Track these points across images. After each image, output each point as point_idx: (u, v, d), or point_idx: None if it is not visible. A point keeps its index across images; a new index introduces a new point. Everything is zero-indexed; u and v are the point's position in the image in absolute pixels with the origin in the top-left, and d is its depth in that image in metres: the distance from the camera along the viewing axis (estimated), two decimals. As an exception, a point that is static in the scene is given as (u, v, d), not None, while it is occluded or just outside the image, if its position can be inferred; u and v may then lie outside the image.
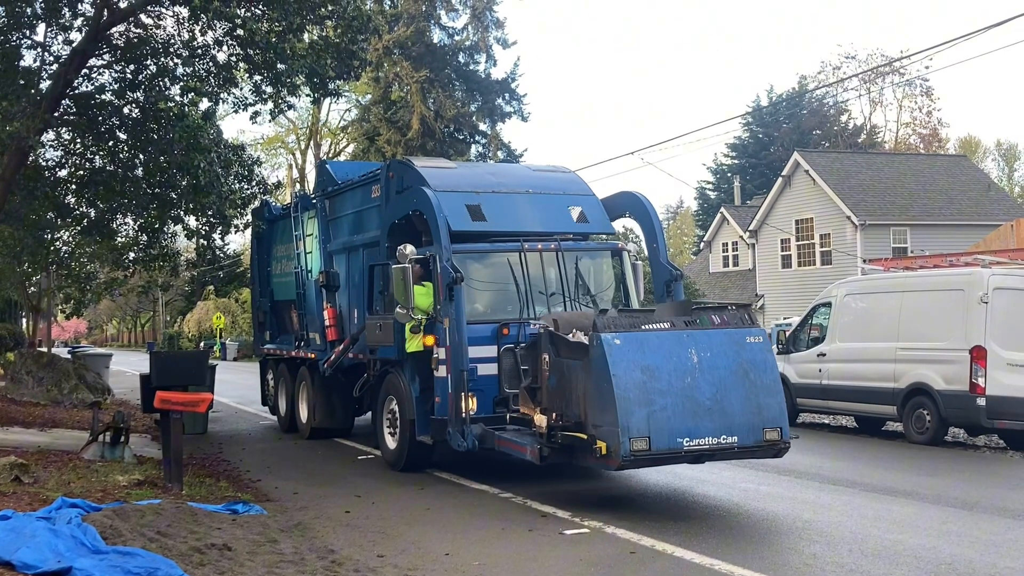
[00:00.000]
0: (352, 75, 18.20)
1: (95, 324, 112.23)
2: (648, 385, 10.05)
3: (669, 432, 9.99)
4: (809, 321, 20.42)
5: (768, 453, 10.79)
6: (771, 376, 10.70)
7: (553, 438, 10.82)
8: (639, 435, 9.85)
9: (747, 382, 10.48)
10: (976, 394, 16.15)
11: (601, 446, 9.98)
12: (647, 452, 9.92)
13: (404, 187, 14.27)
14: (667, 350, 10.30)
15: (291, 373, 18.92)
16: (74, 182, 19.69)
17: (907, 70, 63.91)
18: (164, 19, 17.79)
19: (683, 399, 10.17)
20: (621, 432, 9.79)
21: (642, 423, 9.88)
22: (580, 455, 10.64)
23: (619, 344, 10.12)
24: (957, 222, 40.54)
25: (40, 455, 13.29)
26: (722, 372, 10.41)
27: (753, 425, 10.40)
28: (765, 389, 10.57)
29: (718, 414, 10.23)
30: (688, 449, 10.12)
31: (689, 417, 10.13)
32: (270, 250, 20.64)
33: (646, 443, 9.87)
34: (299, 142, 71.17)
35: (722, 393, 10.31)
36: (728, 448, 10.32)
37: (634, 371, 10.04)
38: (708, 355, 10.44)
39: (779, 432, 10.51)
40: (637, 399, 9.94)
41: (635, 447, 9.81)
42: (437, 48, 47.21)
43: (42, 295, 33.59)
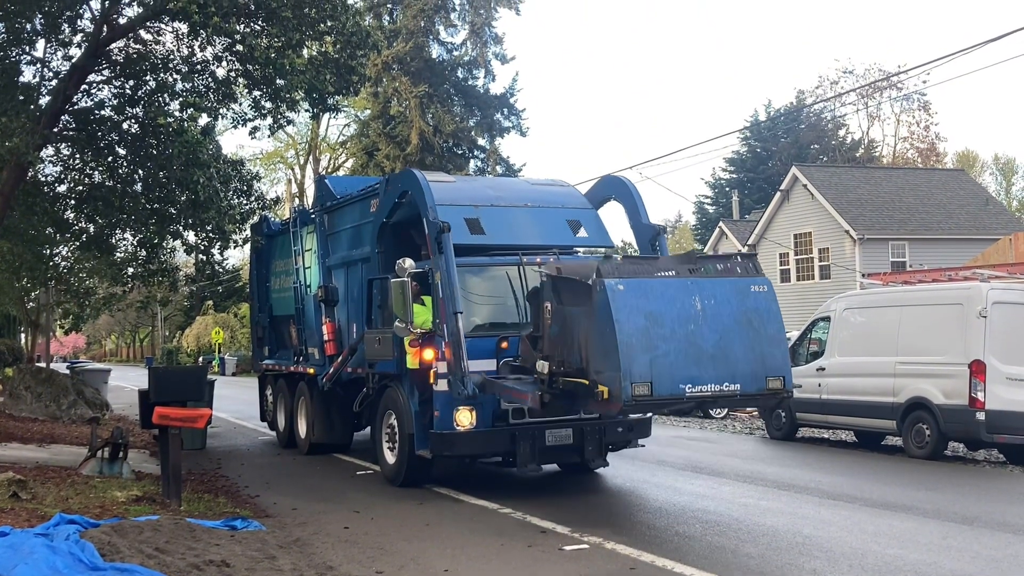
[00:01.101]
0: (351, 90, 18.24)
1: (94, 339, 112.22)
2: (651, 331, 10.03)
3: (671, 378, 9.97)
4: (808, 335, 20.42)
5: (770, 402, 10.75)
6: (775, 325, 10.70)
7: (554, 384, 10.79)
8: (641, 380, 9.82)
9: (751, 330, 10.47)
10: (975, 408, 16.15)
11: (603, 391, 9.97)
12: (649, 397, 9.90)
13: (394, 183, 14.40)
14: (670, 297, 10.29)
15: (290, 388, 18.89)
16: (73, 197, 19.69)
17: (904, 85, 64.15)
18: (163, 35, 17.83)
19: (686, 345, 10.14)
20: (623, 377, 9.76)
21: (644, 368, 9.85)
22: (581, 401, 10.68)
23: (622, 290, 10.10)
24: (955, 236, 40.59)
25: (38, 471, 13.26)
26: (726, 320, 10.41)
27: (756, 373, 10.38)
28: (769, 338, 10.57)
29: (721, 361, 10.20)
30: (690, 395, 10.10)
31: (692, 364, 10.10)
32: (269, 265, 20.65)
33: (648, 388, 9.84)
34: (298, 157, 71.30)
35: (725, 340, 10.29)
36: (731, 396, 10.32)
37: (637, 317, 10.02)
38: (712, 303, 10.42)
39: (782, 381, 10.48)
40: (640, 344, 9.91)
41: (637, 392, 9.79)
42: (436, 63, 47.31)
43: (41, 310, 33.59)
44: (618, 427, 13.34)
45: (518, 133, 49.00)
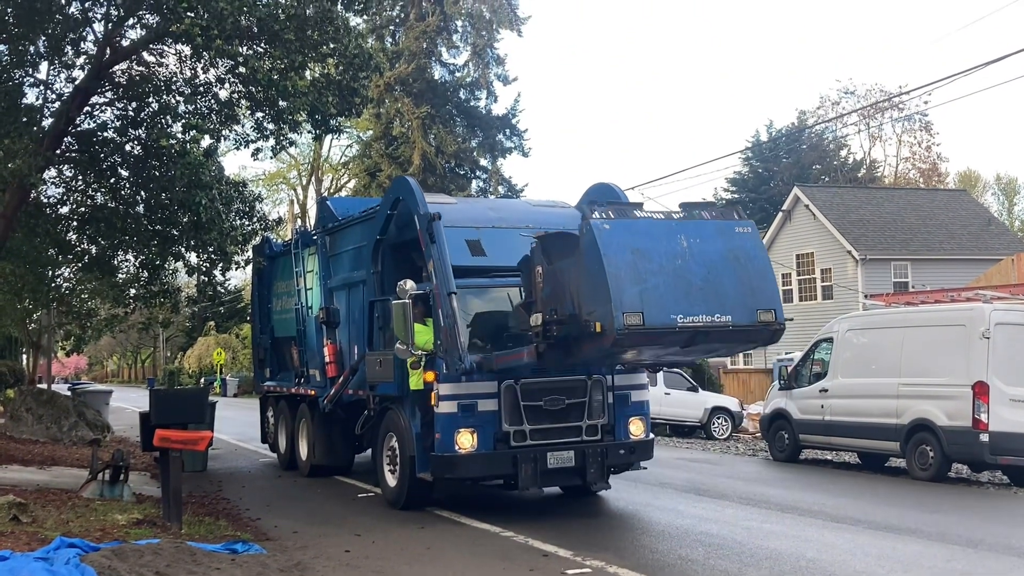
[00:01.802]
0: (353, 112, 18.26)
1: (95, 360, 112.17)
2: (639, 265, 10.25)
3: (662, 308, 10.14)
4: (811, 356, 20.39)
5: (763, 334, 10.87)
6: (762, 263, 10.94)
7: (549, 333, 10.85)
8: (632, 310, 9.99)
9: (738, 266, 10.68)
10: (979, 430, 16.11)
11: (596, 325, 10.10)
12: (641, 327, 10.04)
13: (387, 195, 14.68)
14: (656, 235, 10.56)
15: (291, 410, 18.85)
16: (75, 219, 19.72)
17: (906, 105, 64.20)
18: (166, 57, 17.88)
19: (674, 279, 10.34)
20: (614, 307, 9.93)
21: (635, 299, 10.04)
22: (575, 344, 10.73)
23: (608, 228, 10.39)
24: (958, 256, 40.59)
25: (39, 494, 13.21)
26: (712, 256, 10.63)
27: (747, 306, 10.55)
28: (757, 274, 10.78)
29: (711, 294, 10.39)
30: (682, 325, 10.22)
31: (682, 296, 10.28)
32: (271, 286, 20.64)
33: (639, 319, 10.01)
34: (300, 178, 71.41)
35: (713, 275, 10.49)
36: (723, 327, 10.44)
37: (624, 252, 10.24)
38: (697, 241, 10.67)
39: (773, 314, 10.70)
40: (629, 277, 10.13)
41: (629, 322, 9.95)
42: (438, 84, 47.44)
43: (43, 331, 33.55)
44: (620, 449, 13.29)
45: (520, 154, 49.09)
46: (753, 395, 34.70)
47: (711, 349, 11.37)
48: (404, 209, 14.12)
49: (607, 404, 13.17)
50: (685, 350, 11.05)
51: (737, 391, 35.53)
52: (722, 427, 28.29)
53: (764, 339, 11.08)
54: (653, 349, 11.06)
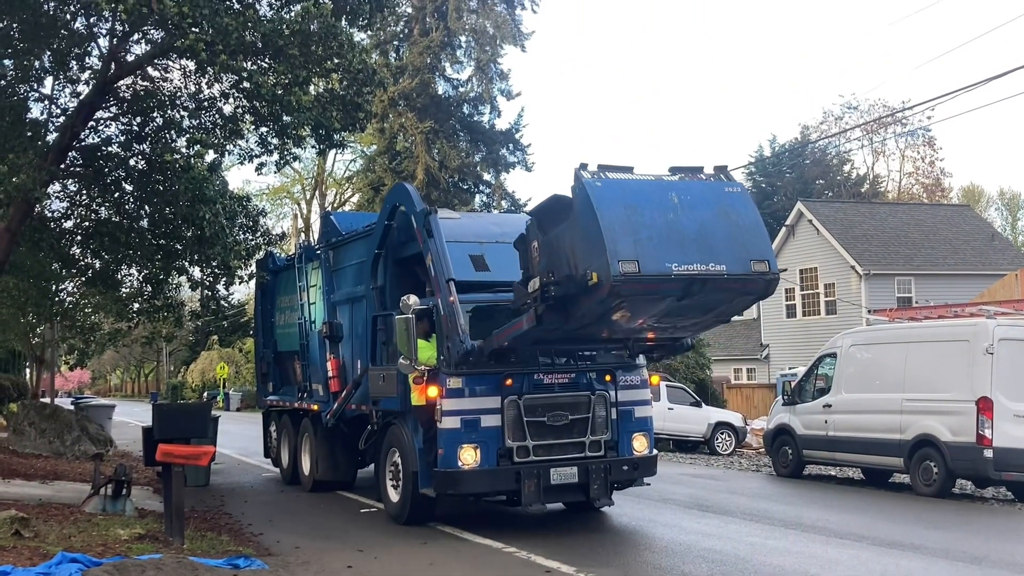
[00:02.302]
0: (357, 127, 18.29)
1: (99, 374, 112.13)
2: (632, 218, 10.39)
3: (657, 258, 10.26)
4: (814, 372, 20.37)
5: (759, 284, 10.94)
6: (753, 218, 11.08)
7: (547, 294, 10.88)
8: (628, 258, 10.10)
9: (729, 221, 10.84)
10: (983, 446, 16.07)
11: (592, 276, 10.18)
12: (637, 274, 10.13)
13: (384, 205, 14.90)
14: (647, 192, 10.76)
15: (294, 425, 18.83)
16: (79, 233, 19.74)
17: (909, 120, 64.29)
18: (171, 72, 17.91)
19: (668, 231, 10.48)
20: (610, 256, 10.03)
21: (630, 248, 10.17)
22: (573, 303, 10.79)
23: (600, 185, 10.59)
24: (961, 272, 40.57)
25: (41, 508, 13.19)
26: (703, 212, 10.80)
27: (740, 257, 10.67)
28: (748, 228, 10.94)
29: (704, 245, 10.52)
30: (677, 274, 10.32)
31: (675, 247, 10.41)
32: (274, 301, 20.65)
33: (635, 266, 10.13)
34: (304, 192, 71.49)
35: (705, 228, 10.64)
36: (718, 276, 10.53)
37: (617, 207, 10.40)
38: (688, 198, 10.87)
39: (767, 264, 10.81)
40: (623, 229, 10.26)
41: (624, 269, 10.06)
42: (442, 99, 47.52)
43: (46, 346, 33.57)
44: (624, 465, 13.26)
45: (523, 168, 49.11)
46: (757, 410, 34.67)
47: (709, 305, 11.20)
48: (403, 221, 14.19)
49: (610, 420, 13.16)
50: (681, 305, 10.92)
51: (741, 406, 35.51)
52: (726, 442, 28.25)
53: (759, 290, 11.12)
54: (649, 305, 10.96)
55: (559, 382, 13.04)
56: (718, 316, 12.00)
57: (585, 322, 11.40)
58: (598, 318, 11.24)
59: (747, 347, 47.58)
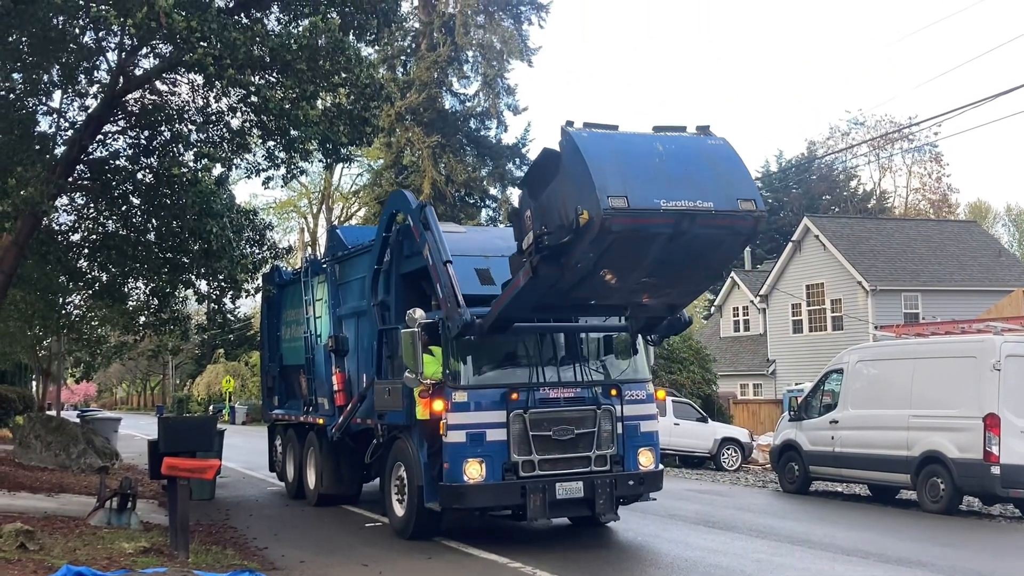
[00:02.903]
0: (364, 141, 18.31)
1: (105, 387, 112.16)
2: (619, 160, 10.66)
3: (645, 194, 10.47)
4: (821, 387, 20.32)
5: (747, 221, 11.05)
6: (736, 164, 11.37)
7: (540, 244, 11.00)
8: (617, 194, 10.28)
9: (714, 165, 11.14)
10: (990, 462, 16.01)
11: (583, 214, 10.33)
12: (626, 209, 10.29)
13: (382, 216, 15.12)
14: (634, 141, 11.12)
15: (299, 439, 18.82)
16: (87, 246, 19.78)
17: (916, 136, 64.30)
18: (179, 86, 17.97)
19: (655, 173, 10.75)
20: (599, 191, 10.22)
21: (618, 185, 10.37)
22: (566, 250, 10.87)
23: (587, 135, 10.88)
24: (968, 288, 40.48)
25: (46, 521, 13.19)
26: (688, 157, 11.13)
27: (727, 195, 10.88)
28: (733, 171, 11.23)
29: (691, 184, 10.77)
30: (666, 208, 10.49)
31: (663, 185, 10.63)
32: (280, 314, 20.67)
33: (624, 201, 10.29)
34: (311, 206, 71.65)
35: (691, 171, 10.92)
36: (706, 212, 10.68)
37: (604, 152, 10.67)
38: (673, 147, 11.21)
39: (753, 203, 11.00)
40: (610, 169, 10.48)
41: (614, 204, 10.22)
42: (449, 114, 47.62)
43: (52, 358, 33.60)
44: (629, 480, 13.24)
45: (530, 183, 49.18)
46: (763, 426, 34.59)
47: (699, 249, 11.19)
48: (407, 233, 14.25)
49: (616, 434, 13.14)
50: (672, 249, 10.97)
51: (747, 422, 35.43)
52: (732, 458, 28.16)
53: (748, 228, 11.20)
54: (641, 247, 10.98)
55: (565, 396, 13.04)
56: (710, 268, 12.02)
57: (581, 274, 11.33)
58: (592, 267, 11.21)
59: (753, 362, 47.49)
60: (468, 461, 12.49)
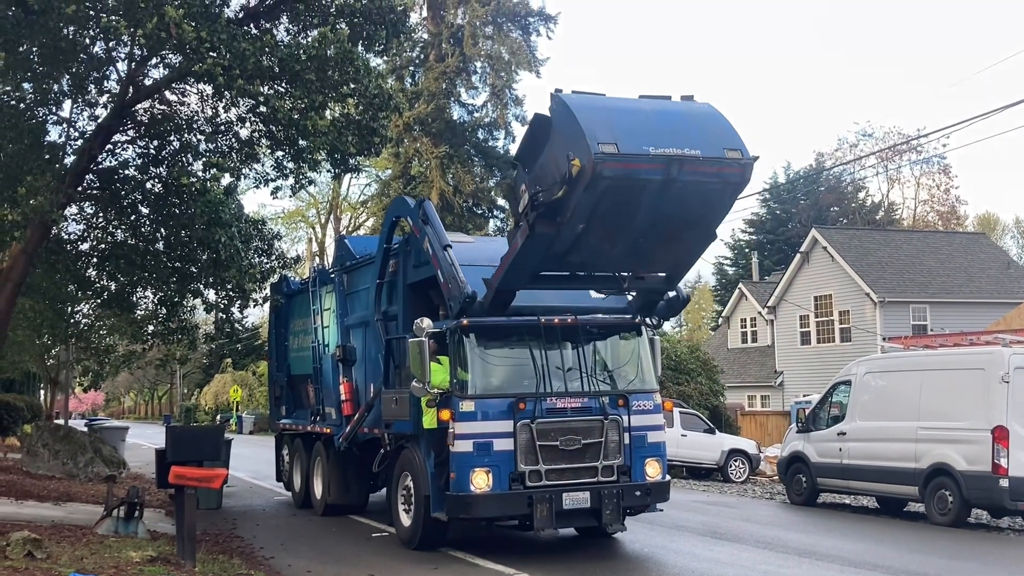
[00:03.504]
0: (373, 151, 18.37)
1: (112, 396, 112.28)
2: (608, 116, 11.13)
3: (634, 142, 10.86)
4: (829, 399, 20.27)
5: (735, 168, 11.34)
6: (722, 121, 11.77)
7: (536, 201, 11.27)
8: (607, 141, 10.67)
9: (699, 121, 11.57)
10: (998, 475, 15.94)
11: (575, 162, 10.69)
12: (617, 154, 10.69)
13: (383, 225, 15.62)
14: (621, 103, 11.56)
15: (306, 449, 18.82)
16: (95, 255, 19.83)
17: (924, 148, 64.22)
18: (188, 96, 18.04)
19: (642, 126, 11.16)
20: (589, 139, 10.62)
21: (607, 133, 10.78)
22: (560, 205, 11.15)
23: (576, 97, 11.35)
24: (977, 300, 40.39)
25: (54, 530, 13.20)
26: (674, 114, 11.65)
27: (713, 144, 11.25)
28: (719, 126, 11.59)
29: (678, 135, 11.18)
30: (654, 154, 10.88)
31: (651, 135, 11.07)
32: (288, 324, 20.69)
33: (614, 148, 10.70)
34: (319, 216, 71.75)
35: (677, 125, 11.35)
36: (694, 158, 11.05)
37: (594, 110, 11.13)
38: (659, 107, 11.68)
39: (740, 152, 11.32)
40: (599, 120, 10.93)
41: (604, 150, 10.62)
42: (457, 124, 47.72)
43: (61, 367, 33.66)
44: (636, 490, 13.20)
45: (538, 194, 49.25)
46: (771, 438, 34.51)
47: (689, 202, 11.45)
48: (415, 244, 14.33)
49: (623, 445, 13.12)
50: (663, 197, 11.22)
51: (754, 433, 35.34)
52: (739, 470, 28.10)
53: (737, 175, 11.45)
54: (632, 198, 11.26)
55: (572, 406, 13.02)
56: (702, 227, 12.13)
57: (576, 231, 11.53)
58: (587, 222, 11.42)
59: (761, 374, 47.40)
60: (475, 471, 12.48)
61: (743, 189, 11.72)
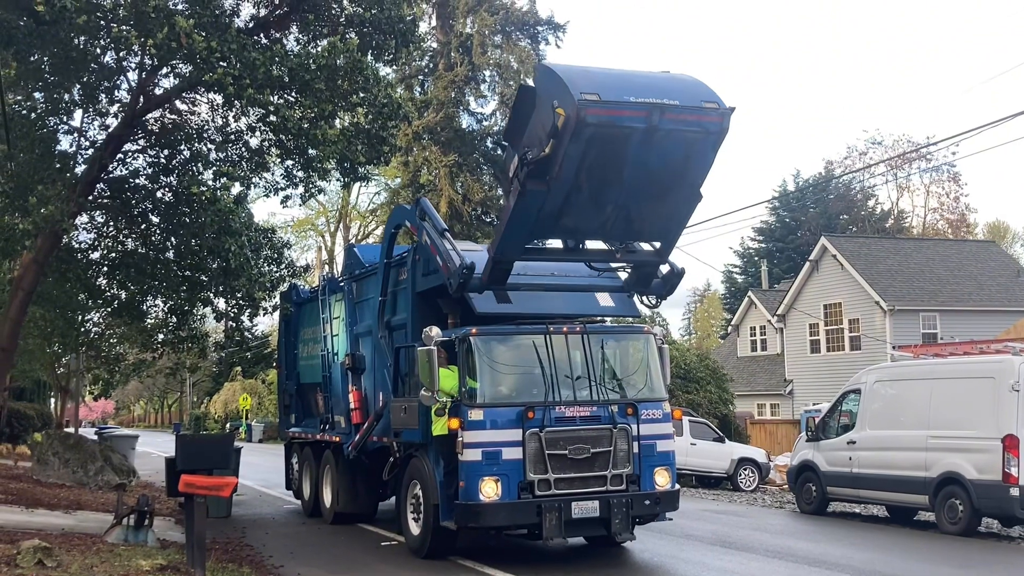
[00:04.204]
0: (382, 160, 18.43)
1: (122, 404, 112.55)
2: (590, 73, 11.65)
3: (615, 91, 11.31)
4: (839, 408, 20.21)
5: (713, 116, 11.67)
6: (699, 83, 12.06)
7: (524, 160, 11.57)
8: (589, 91, 11.06)
9: (677, 83, 12.03)
10: (1009, 484, 15.87)
11: (559, 112, 11.07)
12: (599, 101, 11.08)
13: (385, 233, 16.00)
14: (603, 69, 12.07)
15: (315, 457, 18.83)
16: (106, 264, 19.91)
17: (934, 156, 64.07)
18: (199, 105, 18.13)
19: (623, 83, 11.69)
20: (572, 89, 11.00)
21: (589, 85, 11.23)
22: (549, 160, 11.39)
23: (560, 63, 12.24)
24: (986, 308, 40.30)
25: (64, 538, 13.24)
26: (652, 77, 12.13)
27: (692, 97, 11.68)
28: (696, 85, 12.02)
29: (657, 89, 11.60)
30: (636, 101, 11.31)
31: (632, 88, 11.53)
32: (297, 332, 20.72)
33: (596, 96, 11.10)
34: (328, 224, 71.83)
35: (656, 83, 11.83)
36: (674, 106, 11.41)
37: (576, 70, 11.65)
38: (638, 73, 12.33)
39: (716, 104, 11.70)
40: (582, 75, 11.42)
41: (586, 97, 11.00)
42: (465, 133, 47.81)
43: (71, 376, 33.76)
44: (645, 499, 13.18)
45: (546, 202, 49.28)
46: (780, 446, 34.42)
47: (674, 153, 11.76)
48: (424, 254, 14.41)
49: (632, 454, 13.10)
50: (646, 148, 11.51)
51: (764, 442, 35.26)
52: (749, 478, 28.04)
53: (717, 124, 11.72)
54: (617, 148, 11.50)
55: (581, 415, 13.01)
56: (687, 184, 12.27)
57: (565, 185, 11.73)
58: (575, 177, 11.64)
59: (771, 382, 47.34)
60: (484, 480, 12.48)
61: (723, 139, 11.99)
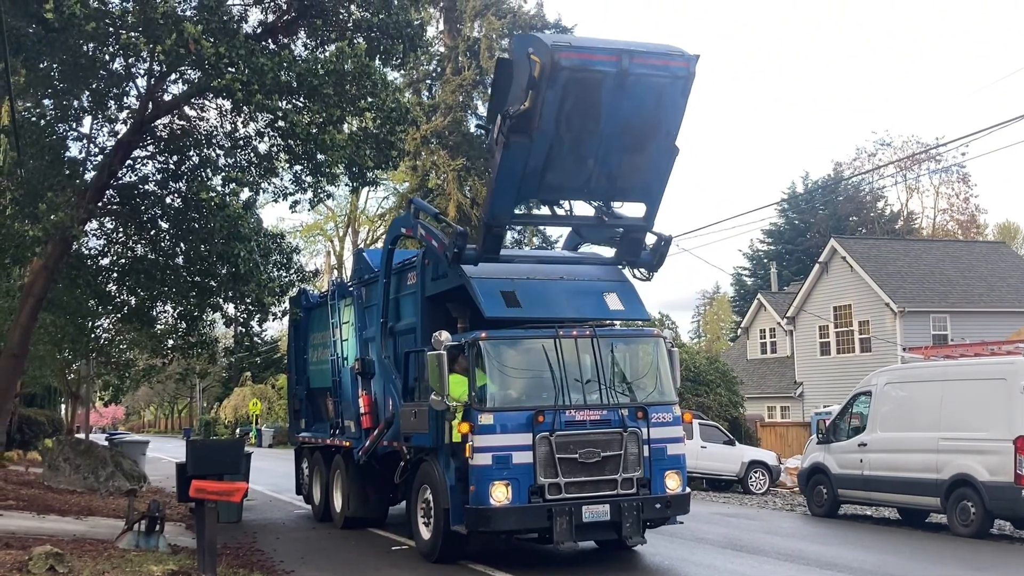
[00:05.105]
0: (390, 164, 18.44)
1: (133, 410, 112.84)
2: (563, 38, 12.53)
3: (584, 44, 12.30)
4: (849, 410, 20.16)
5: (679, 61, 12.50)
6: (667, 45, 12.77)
7: (506, 116, 12.24)
8: (560, 43, 12.08)
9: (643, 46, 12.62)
10: (1021, 485, 15.82)
11: (535, 59, 11.86)
12: (571, 47, 12.08)
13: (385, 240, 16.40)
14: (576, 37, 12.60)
15: (326, 462, 18.84)
16: (115, 270, 19.96)
17: (943, 157, 63.89)
18: (207, 111, 18.18)
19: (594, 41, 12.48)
20: (545, 40, 12.03)
21: (561, 41, 12.33)
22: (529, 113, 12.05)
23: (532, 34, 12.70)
24: (997, 309, 40.15)
25: (75, 544, 13.27)
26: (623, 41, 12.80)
27: (658, 52, 12.53)
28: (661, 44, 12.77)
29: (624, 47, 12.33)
30: (605, 47, 12.28)
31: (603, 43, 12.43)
32: (307, 337, 20.74)
33: (568, 43, 12.20)
34: (337, 229, 71.95)
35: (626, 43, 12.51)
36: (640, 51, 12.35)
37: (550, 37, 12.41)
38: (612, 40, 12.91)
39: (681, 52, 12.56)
40: (556, 36, 12.36)
41: (559, 43, 12.01)
42: (473, 137, 47.78)
43: (81, 382, 33.83)
44: (656, 503, 13.16)
45: (555, 205, 49.27)
46: (791, 449, 34.36)
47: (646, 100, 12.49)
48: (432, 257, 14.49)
49: (643, 457, 13.07)
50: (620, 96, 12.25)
51: (775, 445, 35.20)
52: (759, 481, 27.99)
53: (683, 68, 12.51)
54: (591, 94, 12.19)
55: (591, 419, 12.99)
56: (662, 134, 12.92)
57: (548, 136, 12.36)
58: (555, 125, 12.31)
59: (781, 385, 47.23)
60: (494, 484, 12.46)
61: (691, 84, 12.64)
